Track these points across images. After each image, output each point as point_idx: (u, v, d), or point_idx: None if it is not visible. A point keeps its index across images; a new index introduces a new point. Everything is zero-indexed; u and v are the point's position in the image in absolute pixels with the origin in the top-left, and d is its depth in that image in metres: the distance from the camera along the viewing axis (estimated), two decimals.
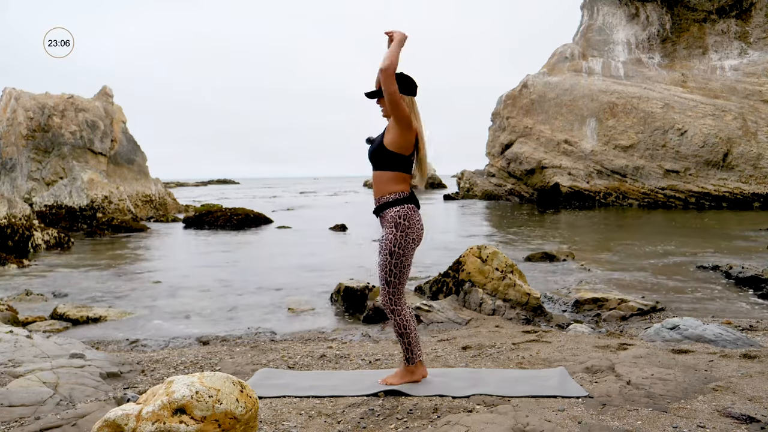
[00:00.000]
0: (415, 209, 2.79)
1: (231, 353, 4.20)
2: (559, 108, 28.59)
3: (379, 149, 2.76)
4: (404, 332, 2.80)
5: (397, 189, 2.76)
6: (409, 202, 2.78)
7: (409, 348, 2.83)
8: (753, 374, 2.88)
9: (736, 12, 26.38)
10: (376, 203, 2.82)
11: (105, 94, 23.05)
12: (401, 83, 2.73)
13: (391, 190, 2.76)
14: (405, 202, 2.76)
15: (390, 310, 2.79)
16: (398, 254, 2.74)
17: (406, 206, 2.75)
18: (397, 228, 2.73)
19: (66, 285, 8.53)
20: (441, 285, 6.40)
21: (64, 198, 18.94)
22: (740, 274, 7.50)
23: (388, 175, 2.76)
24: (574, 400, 2.57)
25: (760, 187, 23.31)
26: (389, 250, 2.74)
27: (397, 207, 2.75)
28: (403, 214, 2.74)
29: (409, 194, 2.80)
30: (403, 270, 2.76)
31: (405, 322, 2.79)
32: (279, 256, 11.36)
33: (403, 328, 2.79)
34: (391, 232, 2.74)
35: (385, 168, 2.76)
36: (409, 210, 2.75)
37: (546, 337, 4.33)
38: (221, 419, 1.81)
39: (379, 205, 2.81)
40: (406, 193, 2.78)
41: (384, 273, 2.77)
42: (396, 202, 2.75)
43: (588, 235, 14.44)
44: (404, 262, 2.76)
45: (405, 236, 2.74)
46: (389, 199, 2.76)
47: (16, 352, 3.56)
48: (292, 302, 6.99)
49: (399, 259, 2.74)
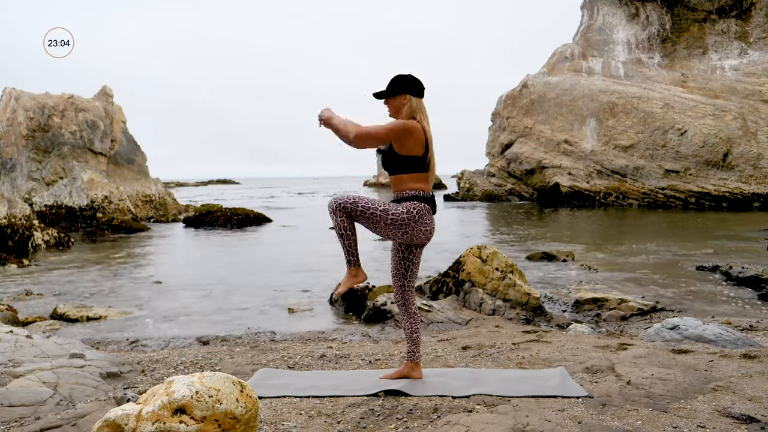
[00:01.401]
0: (429, 211, 2.75)
1: (231, 353, 4.20)
2: (559, 108, 28.59)
3: (391, 156, 2.76)
4: (343, 233, 2.73)
5: (417, 187, 2.75)
6: (427, 202, 2.75)
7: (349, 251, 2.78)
8: (753, 374, 2.88)
9: (736, 12, 26.38)
10: (395, 198, 2.80)
11: (105, 94, 23.05)
12: (410, 85, 2.76)
13: (411, 187, 2.75)
14: (424, 200, 2.74)
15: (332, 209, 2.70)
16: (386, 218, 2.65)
17: (423, 204, 2.73)
18: (407, 212, 2.67)
19: (66, 285, 8.54)
20: (441, 285, 6.40)
21: (64, 198, 18.94)
22: (740, 274, 7.50)
23: (407, 177, 2.75)
24: (574, 400, 2.56)
25: (760, 187, 23.31)
26: (388, 207, 2.67)
27: (416, 201, 2.72)
28: (418, 208, 2.70)
29: (430, 196, 2.78)
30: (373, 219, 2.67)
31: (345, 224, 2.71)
32: (279, 256, 11.36)
33: (342, 228, 2.72)
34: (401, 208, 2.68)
35: (401, 172, 2.75)
36: (423, 209, 2.72)
37: (546, 337, 4.33)
38: (221, 419, 1.81)
39: (396, 199, 2.78)
40: (426, 192, 2.76)
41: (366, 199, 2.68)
42: (416, 197, 2.73)
43: (588, 235, 14.44)
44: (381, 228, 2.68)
45: (405, 223, 2.68)
46: (409, 194, 2.74)
47: (16, 352, 3.56)
48: (292, 302, 6.99)
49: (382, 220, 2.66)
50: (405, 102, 2.76)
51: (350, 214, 2.68)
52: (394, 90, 2.78)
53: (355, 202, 2.67)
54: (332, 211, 2.70)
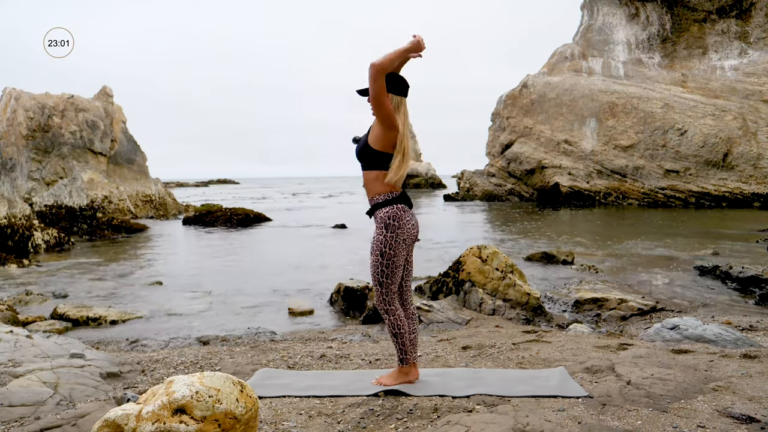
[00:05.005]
0: (405, 209, 2.76)
1: (231, 353, 4.20)
2: (559, 108, 28.59)
3: (365, 148, 2.75)
4: (398, 332, 2.79)
5: (387, 189, 2.75)
6: (400, 201, 2.76)
7: (403, 349, 2.82)
8: (753, 374, 2.88)
9: (736, 12, 26.38)
10: (369, 204, 2.82)
11: (105, 94, 23.05)
12: (391, 82, 2.70)
13: (380, 190, 2.75)
14: (395, 201, 2.75)
15: (384, 310, 2.78)
16: (389, 254, 2.72)
17: (396, 206, 2.74)
18: (386, 228, 2.72)
19: (66, 285, 8.54)
20: (441, 285, 6.40)
21: (64, 198, 18.94)
22: (740, 274, 7.50)
23: (375, 174, 2.75)
24: (574, 400, 2.56)
25: (760, 187, 23.31)
26: (380, 250, 2.73)
27: (387, 207, 2.73)
28: (392, 214, 2.72)
29: (400, 194, 2.78)
30: (394, 270, 2.75)
31: (399, 322, 2.78)
32: (279, 256, 11.36)
33: (396, 328, 2.78)
34: (381, 233, 2.73)
35: (371, 167, 2.76)
36: (399, 210, 2.73)
37: (546, 337, 4.33)
38: (221, 419, 1.81)
39: (371, 206, 2.81)
40: (396, 192, 2.76)
41: (376, 273, 2.76)
42: (386, 202, 2.74)
43: (588, 234, 14.44)
44: (396, 262, 2.74)
45: (395, 236, 2.72)
46: (380, 200, 2.75)
47: (16, 352, 3.56)
48: (292, 302, 6.99)
49: (390, 260, 2.73)
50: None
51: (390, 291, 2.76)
52: None
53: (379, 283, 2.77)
54: (385, 312, 2.78)
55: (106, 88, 23.24)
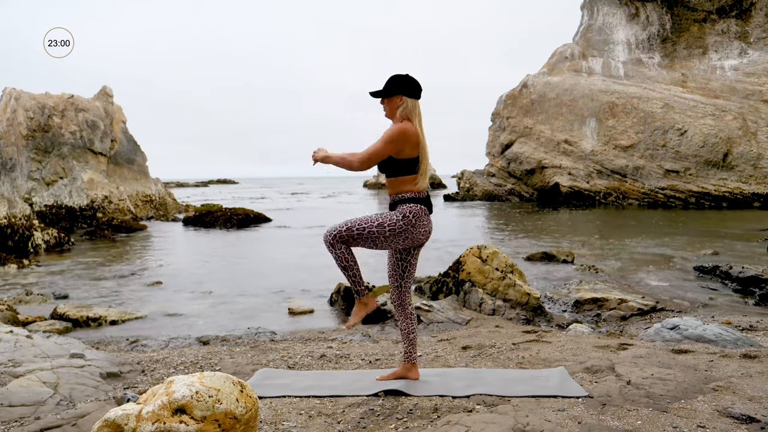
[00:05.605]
0: (426, 212, 2.77)
1: (231, 353, 4.20)
2: (559, 108, 28.59)
3: (387, 159, 2.77)
4: (346, 265, 2.71)
5: (411, 189, 2.76)
6: (423, 203, 2.77)
7: (355, 281, 2.76)
8: (753, 374, 2.88)
9: (736, 12, 26.39)
10: (391, 201, 2.82)
11: (105, 94, 23.05)
12: (405, 86, 2.75)
13: (405, 190, 2.76)
14: (419, 202, 2.76)
15: (330, 243, 2.67)
16: (383, 232, 2.66)
17: (419, 206, 2.75)
18: (403, 218, 2.70)
19: (66, 285, 8.54)
20: (441, 285, 6.40)
21: (64, 198, 18.94)
22: (740, 274, 7.50)
23: (402, 179, 2.76)
24: (574, 400, 2.56)
25: (760, 187, 23.31)
26: (383, 221, 2.67)
27: (411, 204, 2.74)
28: (414, 211, 2.72)
29: (425, 197, 2.80)
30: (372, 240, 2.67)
31: (345, 255, 2.70)
32: (278, 256, 11.36)
33: (344, 261, 2.70)
34: (396, 216, 2.70)
35: (397, 174, 2.77)
36: (420, 211, 2.74)
37: (546, 337, 4.33)
38: (221, 419, 1.81)
39: (392, 201, 2.81)
40: (422, 194, 2.78)
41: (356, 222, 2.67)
42: (411, 200, 2.75)
43: (588, 234, 14.43)
44: (381, 240, 2.68)
45: (404, 230, 2.70)
46: (404, 197, 2.76)
47: (16, 352, 3.56)
48: (292, 302, 6.99)
49: (380, 234, 2.66)
50: (400, 103, 2.76)
51: (347, 241, 2.67)
52: (390, 90, 2.78)
53: (348, 228, 2.65)
54: (330, 244, 2.67)
55: (106, 88, 23.24)
